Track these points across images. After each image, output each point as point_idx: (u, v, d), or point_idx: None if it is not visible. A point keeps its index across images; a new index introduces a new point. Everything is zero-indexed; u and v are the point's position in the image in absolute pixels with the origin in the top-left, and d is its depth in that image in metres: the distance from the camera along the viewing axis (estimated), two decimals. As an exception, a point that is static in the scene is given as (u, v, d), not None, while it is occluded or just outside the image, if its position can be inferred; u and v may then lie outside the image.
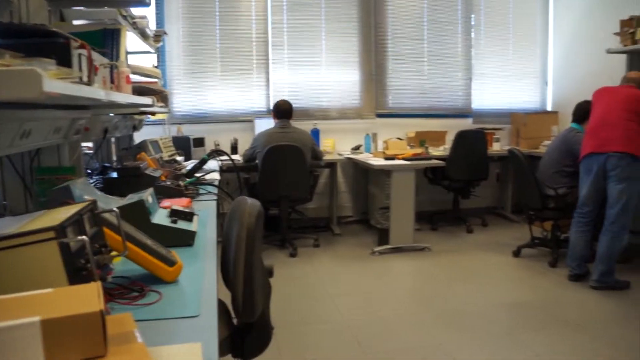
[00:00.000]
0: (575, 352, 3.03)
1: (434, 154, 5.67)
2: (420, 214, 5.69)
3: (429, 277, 4.32)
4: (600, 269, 3.97)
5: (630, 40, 4.91)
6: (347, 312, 3.57)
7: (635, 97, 3.88)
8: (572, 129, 4.53)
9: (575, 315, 3.56)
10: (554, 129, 6.09)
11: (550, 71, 6.72)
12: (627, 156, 3.80)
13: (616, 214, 3.88)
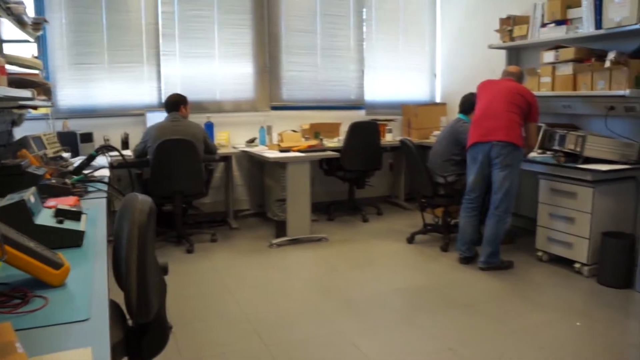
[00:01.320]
0: (467, 329, 3.21)
1: (328, 145, 5.75)
2: (317, 205, 5.77)
3: (327, 267, 4.39)
4: (488, 250, 4.22)
5: (509, 37, 5.24)
6: (247, 305, 3.56)
7: (515, 90, 4.13)
8: (459, 120, 4.76)
9: (466, 295, 3.77)
10: (442, 120, 6.37)
11: (439, 64, 7.03)
12: (509, 145, 4.04)
13: (500, 199, 4.12)
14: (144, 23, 5.53)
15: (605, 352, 2.95)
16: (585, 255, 4.06)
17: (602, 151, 4.10)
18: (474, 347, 2.98)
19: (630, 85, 4.03)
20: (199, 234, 5.17)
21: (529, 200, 5.18)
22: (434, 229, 5.11)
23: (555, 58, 4.64)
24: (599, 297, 3.75)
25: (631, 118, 4.38)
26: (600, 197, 4.01)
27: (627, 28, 4.03)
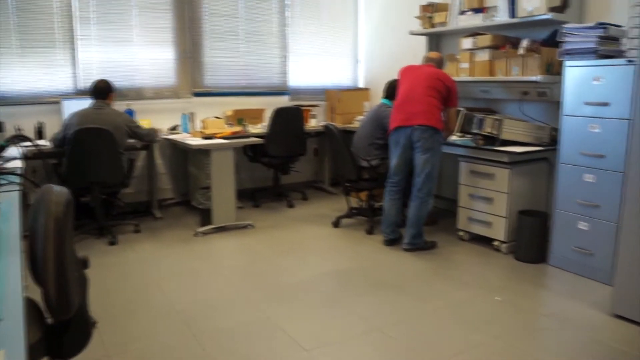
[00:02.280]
0: (394, 309, 3.29)
1: (252, 131, 5.70)
2: (242, 192, 5.72)
3: (254, 254, 4.36)
4: (411, 232, 4.33)
5: (429, 23, 5.37)
6: (174, 296, 3.48)
7: (435, 75, 4.23)
8: (382, 105, 4.83)
9: (392, 276, 3.85)
10: (366, 105, 6.45)
11: (362, 50, 7.10)
12: (430, 129, 4.15)
13: (422, 181, 4.23)
14: (56, 5, 5.22)
15: (522, 322, 3.12)
16: (503, 233, 4.26)
17: (518, 134, 4.29)
18: (401, 326, 3.07)
19: (542, 71, 4.23)
20: (122, 225, 5.00)
21: (450, 182, 5.37)
22: (359, 213, 5.19)
23: (473, 45, 4.79)
24: (517, 272, 3.94)
25: (543, 102, 4.60)
26: (516, 178, 4.21)
27: (538, 17, 4.22)
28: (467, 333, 2.99)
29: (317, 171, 6.96)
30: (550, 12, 4.14)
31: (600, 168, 3.66)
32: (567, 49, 3.82)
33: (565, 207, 3.89)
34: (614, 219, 3.57)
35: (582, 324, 3.12)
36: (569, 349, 2.84)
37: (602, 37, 3.65)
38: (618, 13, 4.04)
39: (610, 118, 3.57)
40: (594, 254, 3.74)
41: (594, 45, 3.66)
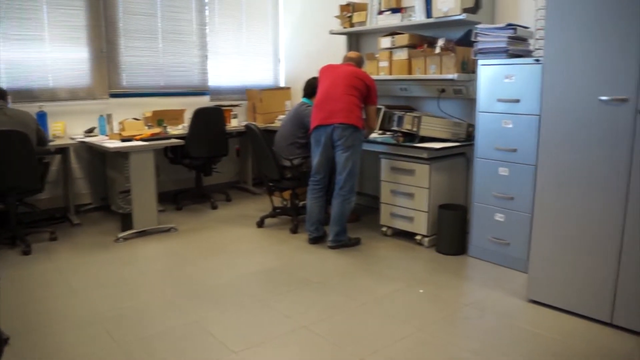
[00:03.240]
0: (320, 306, 3.29)
1: (173, 133, 5.56)
2: (164, 195, 5.57)
3: (178, 257, 4.25)
4: (335, 229, 4.36)
5: (349, 23, 5.42)
6: (96, 305, 3.33)
7: (355, 74, 4.27)
8: (302, 104, 4.83)
9: (317, 274, 3.86)
10: (287, 104, 6.45)
11: (282, 49, 7.09)
12: (350, 127, 4.18)
13: (344, 179, 4.27)
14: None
15: (445, 313, 3.20)
16: (424, 227, 4.37)
17: (436, 130, 4.41)
18: (328, 323, 3.07)
19: (458, 69, 4.38)
20: (37, 233, 4.73)
21: (372, 179, 5.45)
22: (283, 212, 5.17)
23: (391, 44, 4.89)
24: (438, 264, 4.05)
25: (459, 99, 4.76)
26: (436, 173, 4.32)
27: (452, 18, 4.36)
28: (392, 326, 3.03)
29: (240, 171, 6.89)
30: (464, 13, 4.29)
31: (514, 162, 3.82)
32: (480, 49, 3.96)
33: (483, 199, 4.03)
34: (527, 209, 3.74)
35: (500, 310, 3.25)
36: (489, 335, 2.94)
37: (512, 38, 3.80)
38: (526, 15, 4.25)
39: (522, 114, 3.74)
40: (510, 244, 3.91)
41: (504, 45, 3.81)
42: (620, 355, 2.73)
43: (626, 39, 2.78)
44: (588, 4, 2.90)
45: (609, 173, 2.92)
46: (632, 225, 2.86)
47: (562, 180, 3.10)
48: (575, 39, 2.97)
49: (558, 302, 3.22)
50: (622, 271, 2.93)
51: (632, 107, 2.79)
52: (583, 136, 2.99)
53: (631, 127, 2.81)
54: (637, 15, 2.72)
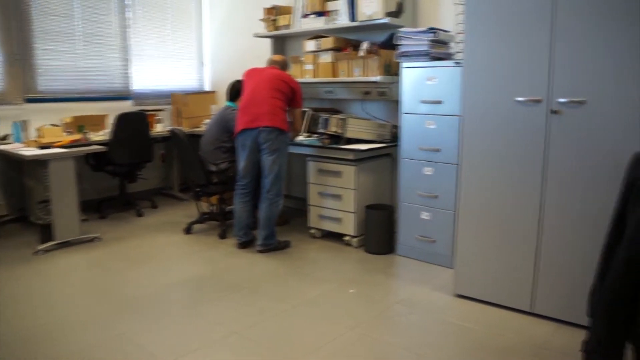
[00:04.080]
0: (251, 311, 3.25)
1: (94, 139, 5.35)
2: (86, 203, 5.36)
3: (103, 268, 4.09)
4: (264, 233, 4.33)
5: (273, 26, 5.41)
6: (14, 323, 3.13)
7: (279, 77, 4.27)
8: (227, 107, 4.78)
9: (247, 278, 3.81)
10: (212, 108, 6.35)
11: (207, 53, 6.99)
12: (275, 130, 4.17)
13: (271, 182, 4.25)
14: None
15: (375, 311, 3.24)
16: (353, 228, 4.41)
17: (361, 132, 4.47)
18: (259, 328, 3.04)
19: (382, 72, 4.45)
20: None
21: (299, 182, 5.46)
22: (211, 217, 5.10)
23: (316, 47, 4.92)
24: (367, 264, 4.09)
25: (384, 101, 4.85)
26: (362, 174, 4.38)
27: (376, 21, 4.43)
28: (324, 327, 3.04)
29: (166, 177, 6.73)
30: (387, 17, 4.37)
31: (437, 161, 3.93)
32: (403, 51, 4.05)
33: (408, 199, 4.12)
34: (451, 207, 3.85)
35: (429, 306, 3.33)
36: (418, 331, 3.00)
37: (433, 41, 3.91)
38: (446, 19, 4.38)
39: (444, 115, 3.85)
40: (436, 241, 4.01)
41: (426, 48, 3.91)
42: (540, 340, 2.87)
43: (538, 44, 2.92)
44: (503, 11, 3.03)
45: (526, 170, 3.05)
46: (548, 218, 3.01)
47: (484, 178, 3.22)
48: (493, 43, 3.09)
49: (483, 295, 3.34)
50: (541, 263, 3.07)
51: (545, 107, 2.94)
52: (502, 135, 3.12)
53: (545, 126, 2.95)
54: (547, 21, 2.87)
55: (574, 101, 2.85)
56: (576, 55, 2.82)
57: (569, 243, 2.96)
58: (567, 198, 2.94)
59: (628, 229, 2.07)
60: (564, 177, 2.93)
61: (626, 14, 2.66)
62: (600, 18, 2.73)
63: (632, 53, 2.66)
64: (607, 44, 2.72)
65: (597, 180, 2.83)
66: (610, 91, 2.74)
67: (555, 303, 3.06)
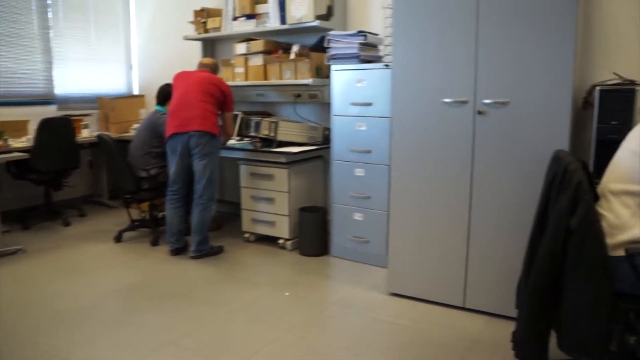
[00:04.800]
0: (186, 319, 3.19)
1: (15, 146, 5.11)
2: (8, 214, 5.12)
3: (27, 282, 3.90)
4: (197, 239, 4.27)
5: (203, 29, 5.34)
6: None
7: (210, 81, 4.22)
8: (156, 111, 4.69)
9: (181, 286, 3.74)
10: (142, 112, 6.21)
11: (135, 55, 6.81)
12: (206, 134, 4.13)
13: (203, 187, 4.20)
14: None
15: (311, 313, 3.25)
16: (287, 231, 4.41)
17: (293, 135, 4.47)
18: (196, 335, 2.99)
19: (312, 75, 4.47)
20: None
21: (232, 186, 5.43)
22: (142, 225, 4.97)
23: (247, 50, 4.89)
24: (302, 266, 4.10)
25: (315, 104, 4.88)
26: (295, 177, 4.39)
27: (306, 24, 4.45)
28: (261, 332, 3.02)
29: (94, 184, 6.52)
30: (317, 20, 4.39)
31: (369, 162, 3.99)
32: (333, 54, 4.09)
33: (341, 200, 4.16)
34: (383, 207, 3.92)
35: (364, 306, 3.37)
36: (354, 330, 3.03)
37: (363, 44, 3.97)
38: (375, 22, 4.45)
39: (374, 116, 3.91)
40: (370, 241, 4.07)
41: (356, 50, 3.96)
42: (472, 334, 2.97)
43: (463, 48, 3.03)
44: (430, 16, 3.11)
45: (455, 168, 3.14)
46: (476, 216, 3.11)
47: (414, 178, 3.29)
48: (420, 46, 3.17)
49: (416, 293, 3.42)
50: (470, 259, 3.18)
51: (471, 108, 3.04)
52: (430, 136, 3.20)
53: (471, 126, 3.05)
54: (472, 26, 2.98)
55: (498, 102, 2.96)
56: (499, 58, 2.93)
57: (496, 239, 3.08)
58: (493, 196, 3.05)
59: (549, 224, 2.16)
60: (490, 175, 3.04)
61: (543, 22, 2.79)
62: (520, 24, 2.86)
63: (548, 57, 2.80)
64: (526, 49, 2.86)
65: (522, 178, 2.96)
66: (531, 92, 2.88)
67: (486, 297, 3.17)
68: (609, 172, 2.30)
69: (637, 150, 2.16)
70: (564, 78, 2.79)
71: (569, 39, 2.75)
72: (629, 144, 2.25)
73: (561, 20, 2.75)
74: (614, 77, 3.26)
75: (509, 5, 2.87)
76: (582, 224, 2.02)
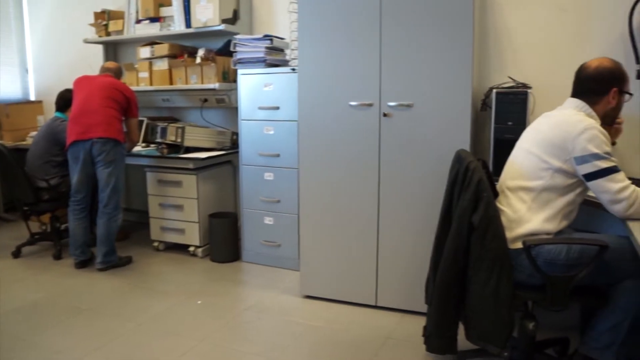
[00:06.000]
0: (93, 334, 3.07)
1: None
2: None
3: None
4: (103, 250, 4.12)
5: (104, 31, 5.15)
6: None
7: (113, 86, 4.09)
8: (56, 118, 4.48)
9: (88, 300, 3.59)
10: (40, 119, 5.91)
11: (30, 59, 6.45)
12: (110, 141, 4.00)
13: (108, 196, 4.06)
14: None
15: (225, 320, 3.23)
16: (197, 238, 4.35)
17: (201, 140, 4.41)
18: (104, 351, 2.88)
19: (219, 79, 4.43)
20: None
21: (139, 194, 5.28)
22: (43, 238, 4.72)
23: (151, 54, 4.77)
24: (214, 273, 4.06)
25: (222, 108, 4.84)
26: (204, 183, 4.33)
27: (212, 28, 4.40)
28: (173, 342, 2.96)
29: (-12, 197, 6.14)
30: (223, 24, 4.36)
31: (277, 166, 4.01)
32: (240, 58, 4.07)
33: (251, 205, 4.15)
34: (294, 210, 3.95)
35: (277, 309, 3.38)
36: (268, 335, 3.04)
37: (269, 48, 3.98)
38: (281, 27, 4.47)
39: (282, 120, 3.94)
40: (281, 245, 4.08)
41: (262, 55, 3.97)
42: (385, 331, 3.06)
43: (368, 52, 3.12)
44: (335, 21, 3.18)
45: (362, 170, 3.23)
46: (385, 216, 3.22)
47: (323, 180, 3.34)
48: (326, 51, 3.22)
49: (330, 294, 3.47)
50: (380, 258, 3.27)
51: (377, 111, 3.13)
52: (338, 138, 3.26)
53: (377, 128, 3.14)
54: (376, 31, 3.08)
55: (403, 104, 3.07)
56: (403, 62, 3.05)
57: (405, 237, 3.19)
58: (400, 195, 3.16)
59: (454, 221, 2.27)
60: (397, 175, 3.15)
61: (443, 28, 2.94)
62: (422, 30, 3.00)
63: (449, 61, 2.94)
64: (428, 54, 3.00)
65: (427, 177, 3.08)
66: (433, 95, 3.02)
67: (398, 295, 3.27)
68: (506, 170, 2.45)
69: (530, 149, 2.31)
70: (464, 81, 2.94)
71: (467, 45, 2.90)
72: (523, 143, 2.41)
73: (459, 27, 2.90)
74: (509, 80, 3.45)
75: (411, 12, 2.99)
76: (483, 219, 2.13)
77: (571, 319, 2.88)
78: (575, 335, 2.63)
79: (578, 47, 3.38)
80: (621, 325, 2.15)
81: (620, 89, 2.30)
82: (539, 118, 2.43)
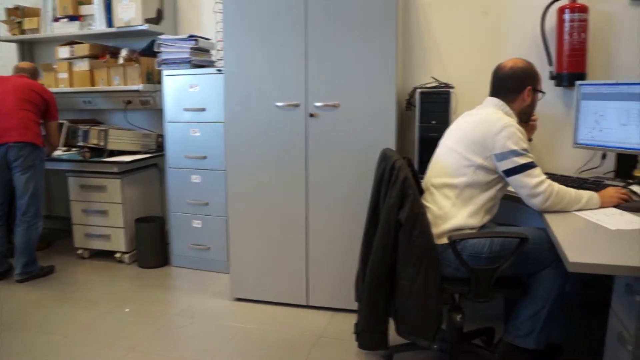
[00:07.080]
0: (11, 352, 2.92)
1: None
2: None
3: None
4: (23, 260, 3.93)
5: (18, 29, 4.91)
6: None
7: (29, 87, 3.92)
8: (-33, 122, 4.25)
9: (6, 314, 3.42)
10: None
11: None
12: (28, 145, 3.83)
13: (27, 203, 3.88)
14: None
15: (155, 327, 3.16)
16: (123, 244, 4.24)
17: (125, 143, 4.30)
18: (21, 364, 2.77)
19: (143, 80, 4.33)
20: None
21: (61, 200, 5.09)
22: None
23: (70, 54, 4.59)
24: (142, 279, 3.96)
25: (147, 110, 4.72)
26: (129, 187, 4.23)
27: (135, 28, 4.29)
28: (101, 353, 2.86)
29: None
30: (146, 23, 4.25)
31: (205, 168, 3.96)
32: (164, 59, 4.00)
33: (179, 208, 4.08)
34: (222, 213, 3.91)
35: (208, 313, 3.34)
36: (199, 340, 3.00)
37: (194, 49, 3.92)
38: (207, 27, 4.42)
39: (208, 122, 3.89)
40: (210, 248, 4.04)
41: (187, 55, 3.91)
42: (317, 330, 3.09)
43: (293, 52, 3.13)
44: (260, 21, 3.17)
45: (290, 171, 3.24)
46: (313, 215, 3.24)
47: (250, 181, 3.33)
48: (252, 51, 3.21)
49: (261, 296, 3.46)
50: (310, 258, 3.30)
51: (303, 111, 3.15)
52: (264, 139, 3.26)
53: (304, 128, 3.16)
54: (301, 32, 3.10)
55: (329, 105, 3.10)
56: (328, 63, 3.08)
57: (334, 236, 3.23)
58: (328, 195, 3.19)
59: (381, 218, 2.31)
60: (324, 175, 3.18)
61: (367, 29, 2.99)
62: (346, 30, 3.04)
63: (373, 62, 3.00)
64: (353, 54, 3.04)
65: (354, 176, 3.13)
66: (359, 95, 3.07)
67: (328, 294, 3.31)
68: (430, 167, 2.52)
69: (453, 147, 2.39)
70: (389, 82, 3.00)
71: (391, 46, 2.96)
72: (446, 141, 2.49)
73: (384, 28, 2.96)
74: (432, 80, 3.55)
75: (337, 13, 3.02)
76: (409, 217, 2.19)
77: (496, 309, 3.00)
78: (500, 325, 2.73)
79: (496, 48, 3.52)
80: (541, 313, 2.26)
81: (534, 87, 2.43)
82: (461, 117, 2.52)
